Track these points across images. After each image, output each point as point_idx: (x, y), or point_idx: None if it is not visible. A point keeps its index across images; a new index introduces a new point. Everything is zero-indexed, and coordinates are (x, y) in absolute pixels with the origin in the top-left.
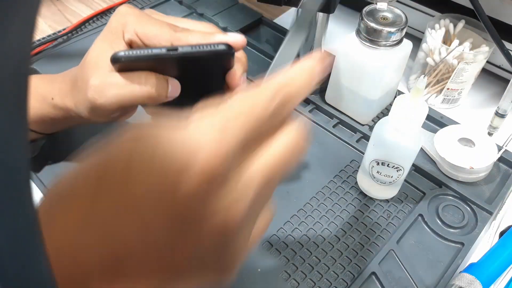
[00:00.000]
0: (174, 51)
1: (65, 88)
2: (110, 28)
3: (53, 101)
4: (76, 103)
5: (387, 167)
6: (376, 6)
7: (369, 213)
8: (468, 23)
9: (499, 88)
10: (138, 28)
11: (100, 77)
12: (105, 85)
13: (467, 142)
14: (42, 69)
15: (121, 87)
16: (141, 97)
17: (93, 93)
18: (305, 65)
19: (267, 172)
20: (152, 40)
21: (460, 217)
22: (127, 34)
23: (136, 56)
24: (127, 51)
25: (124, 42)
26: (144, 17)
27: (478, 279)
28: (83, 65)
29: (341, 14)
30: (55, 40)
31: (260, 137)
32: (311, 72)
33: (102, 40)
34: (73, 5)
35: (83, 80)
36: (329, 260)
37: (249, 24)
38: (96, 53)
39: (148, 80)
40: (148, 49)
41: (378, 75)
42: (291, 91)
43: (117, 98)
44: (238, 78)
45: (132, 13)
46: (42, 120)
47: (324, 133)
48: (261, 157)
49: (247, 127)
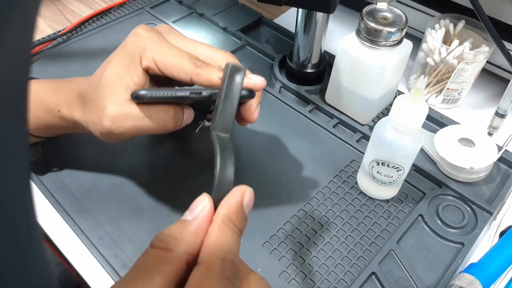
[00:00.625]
0: (197, 95)
1: (73, 102)
2: (127, 50)
3: (60, 113)
4: (87, 122)
5: (387, 167)
6: (376, 6)
7: (369, 213)
8: (468, 23)
9: (499, 88)
10: (157, 57)
11: (117, 106)
12: (123, 116)
13: (467, 142)
14: (41, 69)
15: (140, 120)
16: (158, 129)
17: (110, 123)
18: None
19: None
20: (171, 71)
21: (460, 217)
22: (145, 60)
23: (159, 97)
24: (150, 91)
25: (141, 68)
26: (164, 45)
27: (478, 279)
28: (98, 86)
29: (341, 14)
30: (54, 40)
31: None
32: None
33: (118, 63)
34: (73, 5)
35: (97, 104)
36: (329, 260)
37: (249, 24)
38: (112, 76)
39: (167, 114)
40: (171, 91)
41: (378, 75)
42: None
43: (135, 129)
44: (252, 112)
45: (151, 39)
46: (47, 129)
47: (324, 133)
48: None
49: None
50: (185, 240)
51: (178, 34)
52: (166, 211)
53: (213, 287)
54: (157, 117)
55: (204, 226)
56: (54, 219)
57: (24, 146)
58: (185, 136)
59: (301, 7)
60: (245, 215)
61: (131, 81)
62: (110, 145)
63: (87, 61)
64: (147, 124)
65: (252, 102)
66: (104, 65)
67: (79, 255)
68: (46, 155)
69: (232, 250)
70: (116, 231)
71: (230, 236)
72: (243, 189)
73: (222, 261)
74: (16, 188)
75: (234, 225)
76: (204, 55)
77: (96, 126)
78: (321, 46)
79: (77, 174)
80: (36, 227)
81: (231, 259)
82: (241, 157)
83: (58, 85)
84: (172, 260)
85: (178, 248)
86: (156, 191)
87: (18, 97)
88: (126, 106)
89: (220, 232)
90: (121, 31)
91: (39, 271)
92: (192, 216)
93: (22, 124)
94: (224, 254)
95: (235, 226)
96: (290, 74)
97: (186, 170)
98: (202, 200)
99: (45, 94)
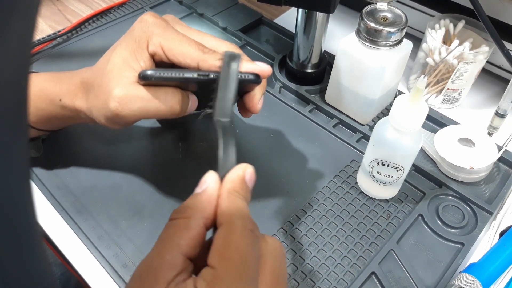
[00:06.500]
0: (205, 77)
1: (75, 90)
2: (134, 36)
3: (61, 102)
4: (91, 108)
5: (387, 167)
6: (376, 6)
7: (369, 213)
8: (468, 23)
9: (499, 88)
10: (164, 42)
11: (124, 88)
12: (131, 97)
13: (467, 142)
14: (41, 69)
15: (147, 102)
16: (164, 112)
17: (116, 104)
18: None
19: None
20: (178, 57)
21: (460, 217)
22: (151, 46)
23: (166, 77)
24: (157, 71)
25: (148, 53)
26: (171, 31)
27: (478, 279)
28: (103, 71)
29: (341, 14)
30: (54, 40)
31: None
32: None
33: (124, 48)
34: (73, 5)
35: (103, 88)
36: (329, 260)
37: (249, 24)
38: (119, 61)
39: (174, 97)
40: (179, 71)
41: (378, 75)
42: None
43: (141, 111)
44: (256, 103)
45: (158, 25)
46: (49, 120)
47: (324, 133)
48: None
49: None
50: (200, 207)
51: (184, 24)
52: (166, 211)
53: (239, 240)
54: (164, 98)
55: (214, 195)
56: (54, 219)
57: (24, 146)
58: (186, 136)
59: (301, 7)
60: (248, 187)
61: (138, 66)
62: (110, 145)
63: (87, 61)
64: (154, 106)
65: (256, 92)
66: (109, 51)
67: (79, 255)
68: (46, 154)
69: (246, 210)
70: (116, 231)
71: (240, 202)
72: (244, 166)
73: (241, 218)
74: (16, 188)
75: (240, 194)
76: (209, 45)
77: (101, 111)
78: (321, 46)
79: (77, 174)
80: (36, 227)
81: (248, 216)
82: (241, 157)
83: (59, 75)
84: (192, 225)
85: (195, 214)
86: (156, 191)
87: (18, 97)
88: (133, 87)
89: (230, 200)
90: (121, 31)
91: (40, 272)
92: (201, 189)
93: (22, 124)
94: (241, 213)
95: (241, 195)
96: (290, 74)
97: (186, 170)
98: (209, 175)
99: (46, 85)
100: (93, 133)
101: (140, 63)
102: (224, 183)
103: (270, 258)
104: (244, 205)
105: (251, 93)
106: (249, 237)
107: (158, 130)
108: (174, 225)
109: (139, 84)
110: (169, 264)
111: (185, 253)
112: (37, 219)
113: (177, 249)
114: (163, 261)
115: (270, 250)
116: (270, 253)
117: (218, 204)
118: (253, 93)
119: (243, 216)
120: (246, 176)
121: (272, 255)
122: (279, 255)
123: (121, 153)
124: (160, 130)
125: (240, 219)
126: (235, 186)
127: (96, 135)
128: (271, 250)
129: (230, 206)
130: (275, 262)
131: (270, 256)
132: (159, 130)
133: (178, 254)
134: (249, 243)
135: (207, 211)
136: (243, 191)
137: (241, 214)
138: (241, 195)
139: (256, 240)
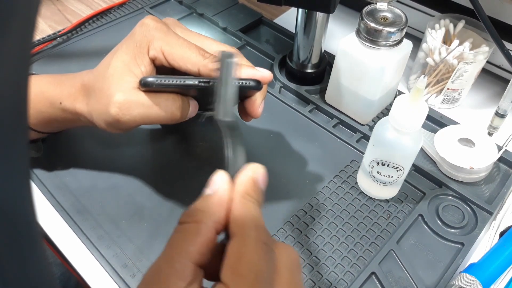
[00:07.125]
0: (206, 83)
1: (75, 94)
2: (135, 40)
3: (62, 105)
4: (91, 112)
5: (387, 167)
6: (376, 6)
7: (369, 213)
8: (468, 23)
9: (499, 88)
10: (165, 47)
11: (125, 93)
12: (131, 103)
13: (467, 142)
14: (41, 69)
15: (148, 108)
16: (165, 119)
17: (117, 110)
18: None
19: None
20: (178, 62)
21: (460, 217)
22: (152, 50)
23: (167, 84)
24: (159, 78)
25: (149, 57)
26: (172, 36)
27: (478, 279)
28: (104, 75)
29: (341, 14)
30: (54, 40)
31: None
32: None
33: (125, 52)
34: (73, 5)
35: (103, 92)
36: (329, 260)
37: (249, 24)
38: (119, 65)
39: (174, 103)
40: (180, 78)
41: (378, 75)
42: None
43: (142, 117)
44: (257, 107)
45: (159, 29)
46: (49, 123)
47: (324, 133)
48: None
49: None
50: (211, 211)
51: (185, 27)
52: (166, 211)
53: (253, 253)
54: (165, 105)
55: (225, 197)
56: (54, 219)
57: (24, 146)
58: (185, 136)
59: (301, 7)
60: (261, 189)
61: (138, 70)
62: (110, 145)
63: (87, 61)
64: (155, 112)
65: (257, 96)
66: (110, 55)
67: (79, 255)
68: (46, 155)
69: (260, 219)
70: (116, 231)
71: (253, 208)
72: (255, 166)
73: (255, 229)
74: (16, 188)
75: (253, 198)
76: (210, 49)
77: (101, 115)
78: (321, 46)
79: (77, 174)
80: (36, 227)
81: (262, 225)
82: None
83: (60, 78)
84: (202, 230)
85: (206, 218)
86: (156, 191)
87: (18, 97)
88: (134, 93)
89: (243, 205)
90: (121, 31)
91: (40, 272)
92: (212, 191)
93: (22, 124)
94: (254, 222)
95: (254, 198)
96: (290, 74)
97: (186, 170)
98: (219, 176)
99: (47, 87)
100: (93, 133)
101: (141, 68)
102: (236, 186)
103: (285, 271)
104: (257, 211)
105: (252, 98)
106: (263, 251)
107: (158, 131)
108: (184, 230)
109: (139, 90)
110: (179, 273)
111: (195, 260)
112: (37, 219)
113: (187, 256)
114: (173, 270)
115: (285, 262)
116: (285, 265)
117: (230, 208)
118: (254, 98)
119: (257, 225)
120: (258, 177)
121: (287, 268)
122: (295, 267)
123: (121, 153)
124: (160, 131)
125: (253, 229)
126: (248, 189)
127: (96, 136)
128: (286, 262)
129: (243, 214)
130: (290, 275)
131: (285, 269)
132: (159, 130)
133: (188, 263)
134: (263, 257)
135: (218, 215)
136: (255, 194)
137: (254, 223)
138: (254, 198)
139: (271, 253)
